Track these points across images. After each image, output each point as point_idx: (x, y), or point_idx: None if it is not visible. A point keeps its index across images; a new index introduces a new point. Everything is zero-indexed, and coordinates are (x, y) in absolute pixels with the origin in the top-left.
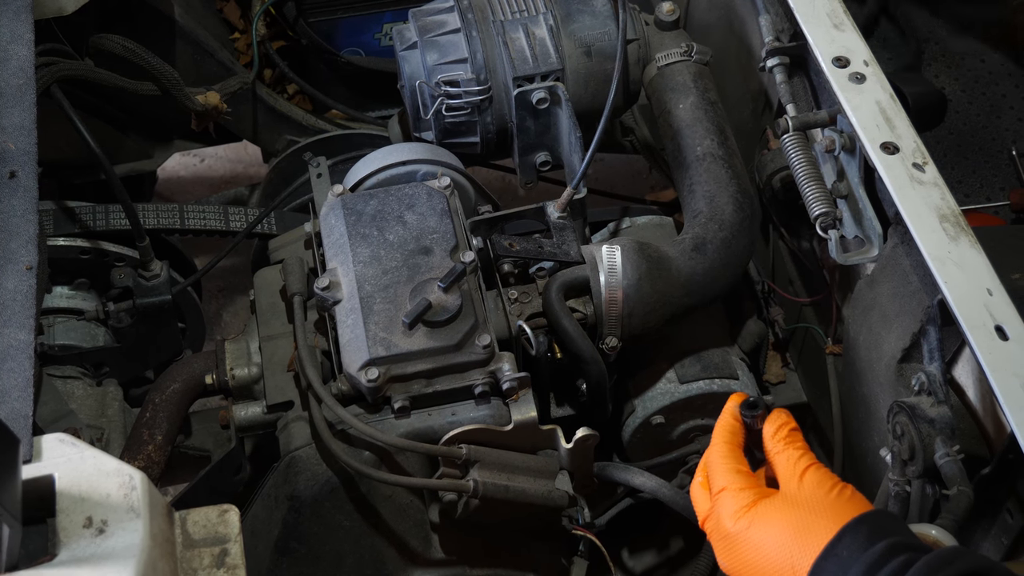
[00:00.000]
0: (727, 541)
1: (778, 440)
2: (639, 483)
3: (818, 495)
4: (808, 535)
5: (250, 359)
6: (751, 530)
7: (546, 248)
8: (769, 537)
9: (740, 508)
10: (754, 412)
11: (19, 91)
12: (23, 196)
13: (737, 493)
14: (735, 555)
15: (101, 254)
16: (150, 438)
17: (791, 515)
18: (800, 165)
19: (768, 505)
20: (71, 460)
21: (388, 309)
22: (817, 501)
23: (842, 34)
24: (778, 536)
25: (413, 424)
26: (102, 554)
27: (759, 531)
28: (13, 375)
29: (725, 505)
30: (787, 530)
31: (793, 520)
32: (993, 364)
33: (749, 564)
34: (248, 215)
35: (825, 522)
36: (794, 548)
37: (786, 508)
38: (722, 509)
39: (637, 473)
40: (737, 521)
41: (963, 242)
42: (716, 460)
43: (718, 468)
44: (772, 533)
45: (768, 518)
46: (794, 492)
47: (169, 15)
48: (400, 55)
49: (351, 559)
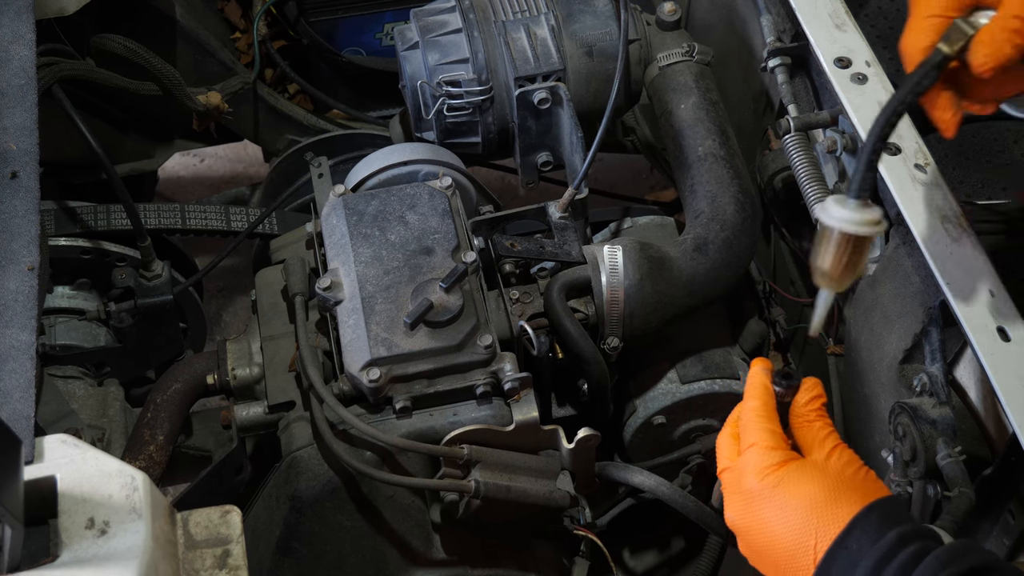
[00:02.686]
0: (746, 497)
1: (810, 410)
2: (638, 482)
3: (847, 472)
4: (834, 507)
5: (251, 359)
6: (776, 491)
7: (547, 248)
8: (793, 502)
9: (769, 466)
10: (789, 383)
11: (20, 91)
12: (25, 196)
13: (767, 451)
14: (752, 513)
15: (102, 254)
16: (151, 438)
17: (820, 485)
18: (802, 165)
19: (798, 470)
20: (73, 461)
21: (390, 309)
22: (847, 477)
23: (844, 34)
24: (803, 503)
25: (415, 424)
26: (104, 555)
27: (784, 494)
28: (15, 376)
29: (753, 460)
30: (814, 499)
31: (821, 490)
32: (995, 365)
33: (766, 524)
34: (249, 215)
35: (852, 497)
36: (817, 519)
37: (816, 476)
38: (749, 464)
39: (636, 472)
40: (764, 479)
41: (965, 243)
42: (750, 415)
43: (752, 423)
44: (797, 499)
45: (796, 482)
46: (822, 463)
47: (170, 15)
48: (401, 55)
49: (353, 559)
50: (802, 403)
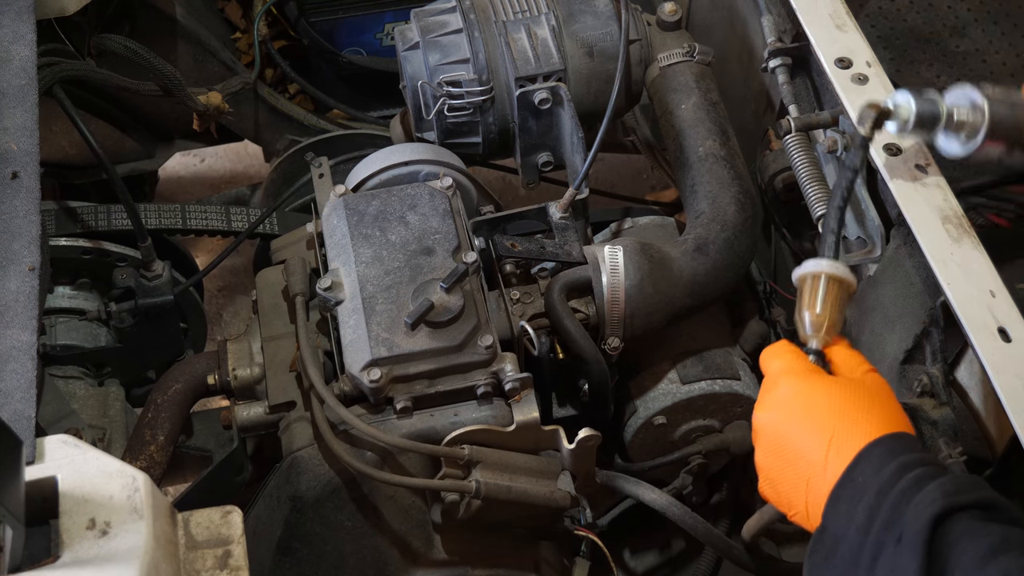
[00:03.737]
0: (792, 378)
1: (845, 345)
2: (649, 499)
3: (885, 391)
4: (857, 419)
5: (252, 359)
6: (825, 380)
7: (548, 248)
8: (823, 403)
9: (806, 369)
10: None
11: (21, 91)
12: (25, 197)
13: (804, 361)
14: (781, 408)
15: (103, 254)
16: (152, 438)
17: (851, 395)
18: (802, 166)
19: (833, 379)
20: (74, 461)
21: (390, 310)
22: (878, 397)
23: (844, 35)
24: (832, 407)
25: (415, 425)
26: (105, 556)
27: (830, 386)
28: (16, 376)
29: (794, 363)
30: (843, 405)
31: (850, 400)
32: (996, 366)
33: (791, 423)
34: (250, 215)
35: (874, 417)
36: (840, 425)
37: (849, 387)
38: (789, 365)
39: (648, 489)
40: (812, 370)
41: (966, 243)
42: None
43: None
44: (827, 401)
45: (828, 387)
46: (858, 379)
47: (171, 15)
48: (402, 55)
49: (353, 559)
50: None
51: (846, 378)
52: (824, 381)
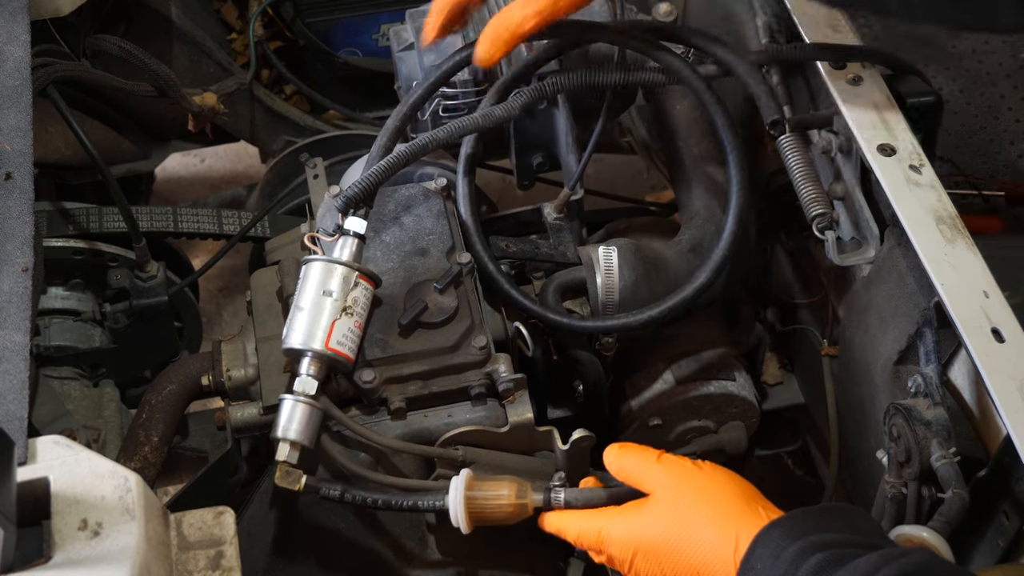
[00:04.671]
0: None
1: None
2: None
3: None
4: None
5: (246, 360)
6: (691, 475)
7: (543, 249)
8: (711, 490)
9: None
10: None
11: (15, 92)
12: (19, 197)
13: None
14: (663, 506)
15: (97, 255)
16: (146, 439)
17: (730, 481)
18: (797, 166)
19: (704, 469)
20: (66, 462)
21: (384, 310)
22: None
23: (839, 36)
24: (722, 491)
25: (409, 425)
26: (97, 556)
27: (702, 480)
28: (8, 377)
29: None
30: (729, 491)
31: (735, 484)
32: (989, 366)
33: (679, 516)
34: (241, 218)
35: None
36: (734, 511)
37: (725, 476)
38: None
39: None
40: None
41: (960, 244)
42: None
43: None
44: (716, 487)
45: (707, 473)
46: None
47: (166, 16)
48: (397, 56)
49: (347, 561)
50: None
51: (706, 468)
52: (692, 476)
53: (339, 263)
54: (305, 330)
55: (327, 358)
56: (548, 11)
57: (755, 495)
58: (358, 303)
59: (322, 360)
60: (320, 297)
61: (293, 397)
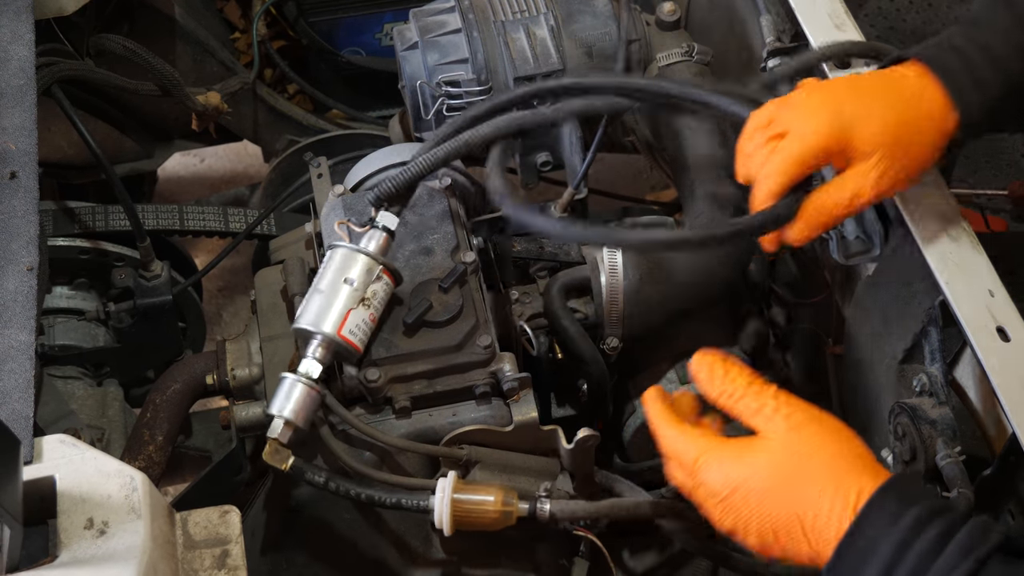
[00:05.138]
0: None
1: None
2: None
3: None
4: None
5: (251, 359)
6: (805, 427)
7: (547, 248)
8: (823, 444)
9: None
10: None
11: (20, 91)
12: (24, 197)
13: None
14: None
15: (101, 254)
16: (151, 438)
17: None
18: None
19: (815, 419)
20: (72, 461)
21: (389, 309)
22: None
23: (843, 35)
24: (834, 445)
25: (414, 424)
26: (103, 555)
27: (816, 434)
28: (14, 376)
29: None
30: (842, 446)
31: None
32: (994, 365)
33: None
34: (247, 216)
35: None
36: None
37: (839, 430)
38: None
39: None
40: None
41: (964, 243)
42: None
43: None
44: (829, 441)
45: (822, 425)
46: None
47: (169, 15)
48: (401, 55)
49: (351, 559)
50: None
51: (825, 420)
52: (811, 426)
53: (364, 253)
54: (319, 312)
55: (336, 344)
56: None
57: (869, 454)
58: (377, 296)
59: (330, 345)
60: (340, 283)
61: (294, 376)
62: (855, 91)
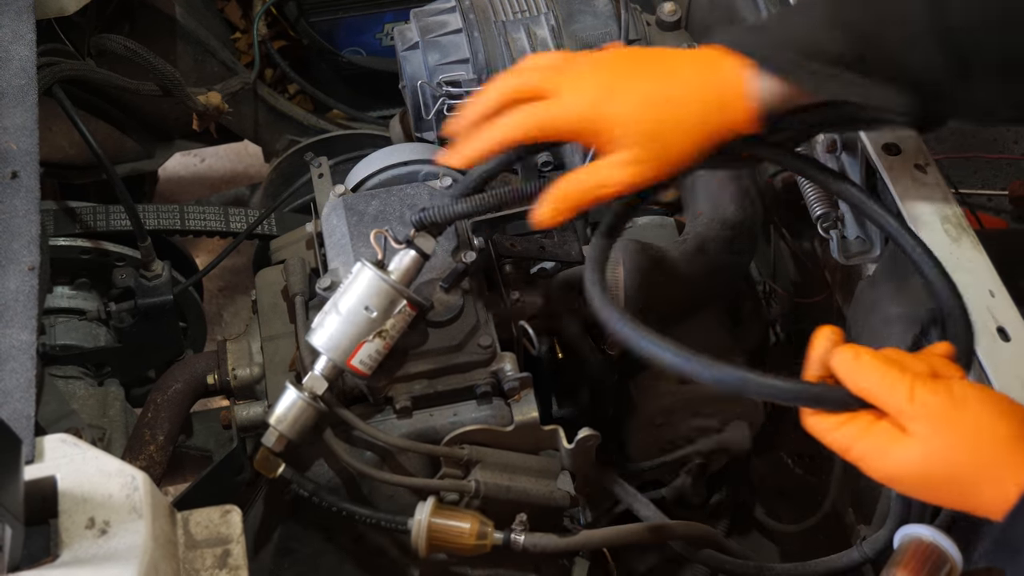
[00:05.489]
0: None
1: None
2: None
3: None
4: None
5: (252, 359)
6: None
7: (547, 248)
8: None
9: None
10: None
11: (21, 91)
12: (25, 196)
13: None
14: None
15: (102, 254)
16: (152, 438)
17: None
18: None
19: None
20: (73, 461)
21: None
22: None
23: None
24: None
25: (415, 424)
26: (104, 555)
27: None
28: (15, 375)
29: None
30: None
31: None
32: (995, 366)
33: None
34: (248, 216)
35: None
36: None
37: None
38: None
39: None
40: None
41: (965, 243)
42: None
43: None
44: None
45: None
46: None
47: (170, 15)
48: (401, 55)
49: (351, 559)
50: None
51: (971, 404)
52: (957, 417)
53: (391, 284)
54: (334, 338)
55: (343, 370)
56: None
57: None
58: (395, 328)
59: (337, 370)
60: (360, 310)
61: (298, 393)
62: (633, 65)
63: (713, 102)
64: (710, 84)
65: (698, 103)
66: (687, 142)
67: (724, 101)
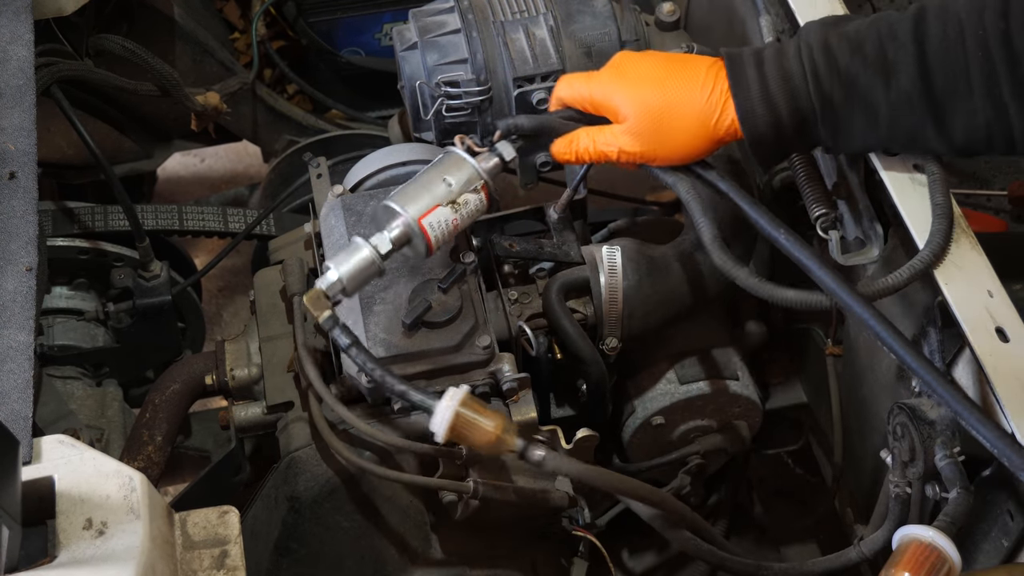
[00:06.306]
0: None
1: None
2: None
3: None
4: None
5: (250, 359)
6: None
7: (546, 249)
8: None
9: None
10: None
11: (19, 92)
12: (23, 197)
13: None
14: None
15: (101, 254)
16: (150, 439)
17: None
18: (800, 166)
19: None
20: (71, 462)
21: (388, 310)
22: None
23: None
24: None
25: (413, 425)
26: (102, 556)
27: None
28: (13, 376)
29: None
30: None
31: None
32: (993, 366)
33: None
34: (247, 216)
35: None
36: None
37: None
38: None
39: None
40: None
41: (964, 244)
42: None
43: None
44: None
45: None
46: None
47: (169, 15)
48: (400, 55)
49: (351, 560)
50: None
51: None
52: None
53: (474, 165)
54: (409, 196)
55: (412, 230)
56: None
57: None
58: (467, 205)
59: (407, 229)
60: (438, 180)
61: (365, 242)
62: (642, 65)
63: (709, 116)
64: (708, 101)
65: (695, 116)
66: (686, 135)
67: (718, 122)
